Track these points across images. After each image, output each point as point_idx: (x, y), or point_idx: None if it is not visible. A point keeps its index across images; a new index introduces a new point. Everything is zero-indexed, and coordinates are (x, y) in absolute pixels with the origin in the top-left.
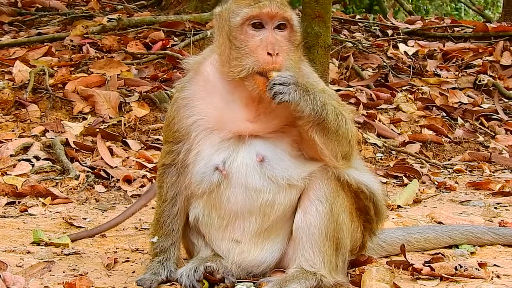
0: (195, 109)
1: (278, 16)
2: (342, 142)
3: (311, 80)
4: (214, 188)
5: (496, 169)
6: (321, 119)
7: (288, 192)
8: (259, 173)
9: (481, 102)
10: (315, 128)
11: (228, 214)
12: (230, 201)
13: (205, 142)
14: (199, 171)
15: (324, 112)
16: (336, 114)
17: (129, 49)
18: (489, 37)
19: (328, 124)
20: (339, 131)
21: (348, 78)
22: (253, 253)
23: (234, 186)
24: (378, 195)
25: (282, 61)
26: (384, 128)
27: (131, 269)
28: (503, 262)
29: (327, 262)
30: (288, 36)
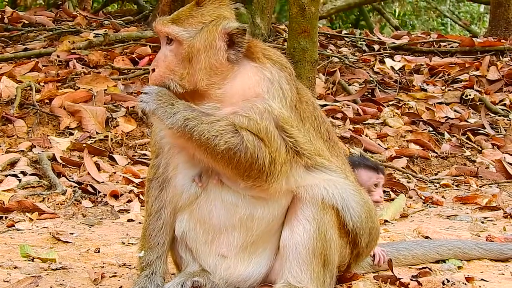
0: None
1: (162, 32)
2: (232, 166)
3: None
4: (193, 200)
5: (483, 184)
6: (185, 135)
7: (267, 206)
8: (227, 189)
9: (468, 116)
10: (190, 144)
11: (212, 228)
12: (211, 215)
13: (180, 156)
14: (178, 183)
15: (188, 128)
16: (212, 136)
17: (116, 65)
18: (476, 52)
19: (198, 143)
20: (219, 155)
21: (334, 93)
22: (239, 268)
23: (212, 200)
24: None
25: (155, 76)
26: (371, 143)
27: (118, 284)
28: (490, 277)
29: (315, 278)
30: (175, 49)
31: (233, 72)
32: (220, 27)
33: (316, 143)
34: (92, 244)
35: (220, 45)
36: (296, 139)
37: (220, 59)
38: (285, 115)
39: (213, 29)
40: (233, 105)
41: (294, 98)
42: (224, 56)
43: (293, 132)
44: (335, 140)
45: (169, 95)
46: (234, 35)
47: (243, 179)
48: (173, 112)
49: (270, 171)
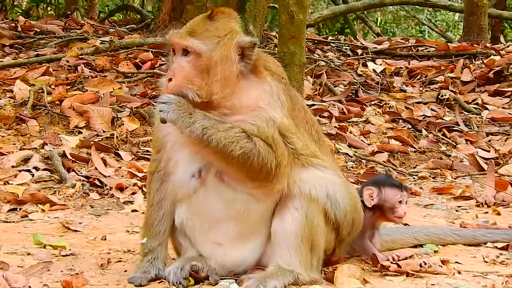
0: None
1: (180, 45)
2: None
3: (262, 103)
4: (192, 194)
5: (457, 176)
6: (203, 143)
7: (261, 202)
8: (226, 186)
9: (443, 115)
10: (206, 150)
11: (209, 220)
12: (209, 207)
13: (181, 152)
14: (178, 178)
15: (206, 136)
16: (228, 142)
17: (121, 69)
18: (451, 56)
19: (215, 150)
20: (233, 160)
21: (321, 93)
22: (234, 254)
23: (210, 195)
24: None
25: (173, 86)
26: (355, 139)
27: (123, 268)
28: (463, 260)
29: (303, 261)
30: (193, 61)
31: (239, 85)
32: (234, 41)
33: (310, 145)
34: (99, 233)
35: (235, 58)
36: (296, 145)
37: (234, 71)
38: (286, 123)
39: (229, 42)
40: (239, 115)
41: (289, 107)
42: (237, 68)
43: (293, 139)
44: (323, 139)
45: (187, 105)
46: (245, 49)
47: (252, 180)
48: (192, 121)
49: (276, 174)
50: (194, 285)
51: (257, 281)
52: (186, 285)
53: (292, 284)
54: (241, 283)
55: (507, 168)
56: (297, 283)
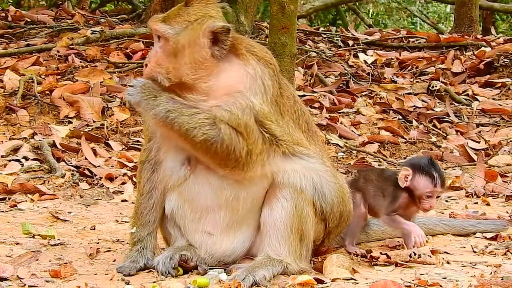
0: None
1: (153, 30)
2: (209, 156)
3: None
4: (182, 182)
5: (447, 167)
6: (167, 126)
7: (250, 188)
8: (214, 173)
9: (434, 106)
10: (171, 134)
11: (199, 208)
12: (199, 196)
13: (170, 141)
14: (168, 166)
15: (169, 119)
16: (191, 127)
17: (111, 59)
18: (441, 47)
19: (178, 133)
20: (197, 145)
21: (312, 84)
22: (224, 244)
23: (200, 182)
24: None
25: (146, 71)
26: (345, 130)
27: (112, 258)
28: (452, 250)
29: (292, 251)
30: (163, 46)
31: (218, 68)
32: (204, 26)
33: (295, 134)
34: (88, 222)
35: (203, 42)
36: (274, 133)
37: (204, 55)
38: (265, 111)
39: (198, 27)
40: (217, 99)
41: (275, 93)
42: (208, 52)
43: (271, 126)
44: (314, 130)
45: (153, 88)
46: (218, 33)
47: (221, 166)
48: (156, 104)
49: (247, 161)
50: (183, 275)
51: (246, 270)
52: (175, 274)
53: (281, 273)
54: (230, 272)
55: (497, 159)
56: (286, 272)
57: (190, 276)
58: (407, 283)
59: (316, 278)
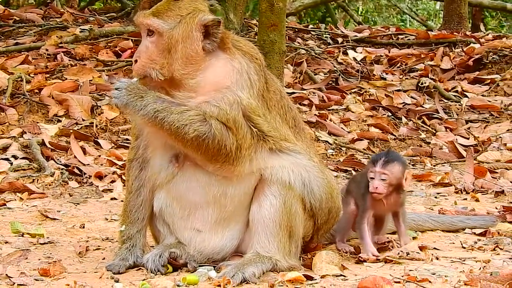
0: None
1: (143, 25)
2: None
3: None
4: (170, 179)
5: (436, 163)
6: (156, 125)
7: (238, 185)
8: (202, 170)
9: (423, 102)
10: (161, 133)
11: (188, 205)
12: (187, 192)
13: (158, 138)
14: (156, 164)
15: (158, 119)
16: (181, 125)
17: (100, 57)
18: (430, 44)
19: (169, 132)
20: (188, 142)
21: (301, 82)
22: (213, 241)
23: (188, 179)
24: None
25: (137, 67)
26: (335, 127)
27: (102, 256)
28: (441, 246)
29: (281, 248)
30: (156, 41)
31: (206, 63)
32: (196, 19)
33: (282, 129)
34: (77, 221)
35: (196, 35)
36: (262, 127)
37: (196, 49)
38: (252, 105)
39: (190, 21)
40: (204, 95)
41: (261, 87)
42: (200, 46)
43: (259, 121)
44: (301, 127)
45: (139, 88)
46: (209, 27)
47: (211, 162)
48: (143, 104)
49: (236, 156)
50: (172, 272)
51: (235, 267)
52: (165, 272)
53: (271, 270)
54: (220, 270)
55: (486, 155)
56: (275, 269)
57: (179, 274)
58: (396, 279)
59: (305, 274)
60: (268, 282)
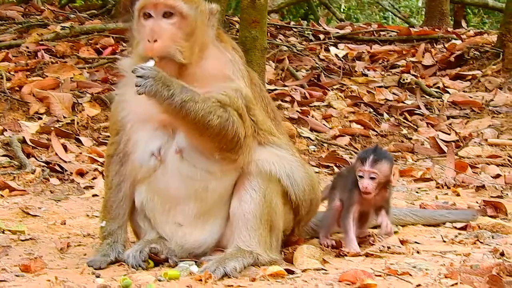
0: (126, 104)
1: (161, 5)
2: (218, 139)
3: (228, 71)
4: (151, 173)
5: (418, 158)
6: (181, 114)
7: (219, 180)
8: (185, 163)
9: (405, 98)
10: (182, 122)
11: (169, 199)
12: (169, 186)
13: (140, 132)
14: (137, 158)
15: (184, 109)
16: (206, 113)
17: (81, 54)
18: (412, 40)
19: (193, 121)
20: (209, 130)
21: (283, 78)
22: (194, 235)
23: (170, 173)
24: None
25: (160, 47)
26: (317, 123)
27: (83, 252)
28: (422, 240)
29: (262, 242)
30: (178, 23)
31: (208, 51)
32: (208, 6)
33: (267, 122)
34: (58, 217)
35: (208, 23)
36: (257, 118)
37: (206, 36)
38: (250, 95)
39: (204, 8)
40: (208, 84)
41: (248, 79)
42: (208, 33)
43: (255, 112)
44: (279, 120)
45: (165, 77)
46: (213, 15)
47: (222, 151)
48: (170, 94)
49: (244, 144)
50: (153, 267)
51: (216, 262)
52: (146, 267)
53: (252, 265)
54: (201, 264)
55: (467, 150)
56: (256, 263)
57: (161, 269)
58: (377, 272)
59: (286, 269)
60: (250, 277)
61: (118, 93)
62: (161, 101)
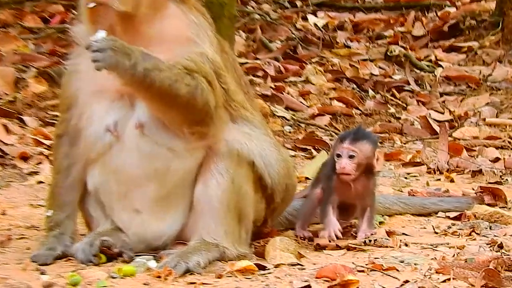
0: (80, 74)
1: None
2: (187, 110)
3: (192, 34)
4: (107, 151)
5: (407, 140)
6: (144, 85)
7: (183, 159)
8: (146, 139)
9: (393, 73)
10: (146, 93)
11: (126, 181)
12: (126, 165)
13: (95, 105)
14: (91, 133)
15: (148, 79)
16: (172, 81)
17: (26, 23)
18: (401, 8)
19: (158, 91)
20: (177, 100)
21: (255, 50)
22: (153, 224)
23: (127, 150)
24: (273, 172)
25: None
26: (293, 100)
27: (26, 246)
28: (412, 231)
29: (230, 233)
30: None
31: (166, 10)
32: None
33: (240, 94)
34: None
35: None
36: (229, 87)
37: None
38: (218, 60)
39: None
40: (169, 49)
41: (217, 46)
42: None
43: (226, 79)
44: (252, 94)
45: (123, 45)
46: None
47: (190, 124)
48: (132, 64)
49: (216, 115)
50: (106, 263)
51: (177, 256)
52: (97, 262)
53: (218, 259)
54: (160, 259)
55: (463, 131)
56: (223, 258)
57: (114, 264)
58: (359, 267)
59: (257, 263)
60: (215, 273)
61: (71, 64)
62: (122, 73)
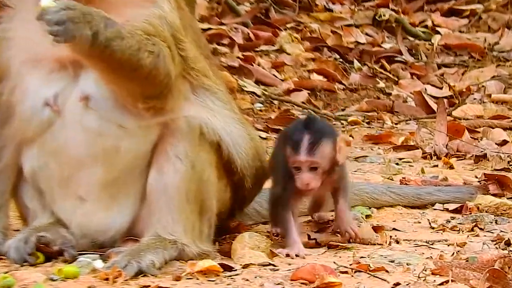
0: (14, 40)
1: None
2: (148, 82)
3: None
4: (46, 129)
5: (399, 120)
6: (105, 57)
7: (135, 138)
8: (92, 114)
9: (382, 41)
10: (102, 66)
11: (68, 163)
12: (68, 145)
13: (30, 76)
14: (26, 108)
15: (109, 49)
16: (135, 50)
17: None
18: None
19: (120, 61)
20: (139, 71)
21: (220, 14)
22: (99, 215)
23: (70, 127)
24: (241, 154)
25: None
26: (265, 73)
27: None
28: (403, 226)
29: (190, 228)
30: None
31: None
32: None
33: (201, 60)
34: None
35: None
36: (188, 53)
37: None
38: (177, 23)
39: None
40: (123, 13)
41: (174, 2)
42: None
43: (186, 45)
44: (214, 60)
45: (81, 11)
46: None
47: (146, 97)
48: (94, 33)
49: (174, 86)
50: (44, 263)
51: (128, 255)
52: (34, 262)
53: (176, 258)
54: (108, 259)
55: (464, 109)
56: (182, 256)
57: (54, 264)
58: (342, 268)
59: (222, 263)
60: (173, 274)
61: (1, 30)
62: (80, 44)
